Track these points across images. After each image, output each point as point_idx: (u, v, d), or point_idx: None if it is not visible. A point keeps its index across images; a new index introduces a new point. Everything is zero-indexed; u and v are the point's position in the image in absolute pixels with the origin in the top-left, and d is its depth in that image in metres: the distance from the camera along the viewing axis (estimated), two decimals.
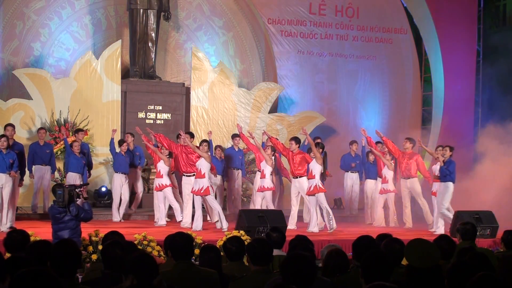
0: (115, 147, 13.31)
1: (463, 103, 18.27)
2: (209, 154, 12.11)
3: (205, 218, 12.33)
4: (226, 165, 13.95)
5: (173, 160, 12.86)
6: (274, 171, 13.27)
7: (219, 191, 13.60)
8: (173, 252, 5.11)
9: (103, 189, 15.09)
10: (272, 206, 12.59)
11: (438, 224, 12.23)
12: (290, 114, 17.16)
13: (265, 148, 12.97)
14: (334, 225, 11.80)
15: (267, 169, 12.61)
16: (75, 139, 13.33)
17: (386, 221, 13.54)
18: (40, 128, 13.86)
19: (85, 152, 13.37)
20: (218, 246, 7.92)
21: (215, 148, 13.79)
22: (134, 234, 9.29)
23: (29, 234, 7.39)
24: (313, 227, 11.85)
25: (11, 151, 11.27)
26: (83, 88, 15.52)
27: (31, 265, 4.12)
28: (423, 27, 18.34)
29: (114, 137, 13.42)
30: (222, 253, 5.66)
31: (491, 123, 14.79)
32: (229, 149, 14.56)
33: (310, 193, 11.91)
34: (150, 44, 16.15)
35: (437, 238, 5.70)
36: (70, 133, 14.88)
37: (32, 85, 15.20)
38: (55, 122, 15.17)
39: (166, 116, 16.24)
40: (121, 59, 15.76)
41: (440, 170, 12.10)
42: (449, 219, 11.96)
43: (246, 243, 5.55)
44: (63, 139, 13.72)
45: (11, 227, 10.63)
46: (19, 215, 12.59)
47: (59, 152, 14.72)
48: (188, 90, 16.51)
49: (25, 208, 13.41)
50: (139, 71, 16.20)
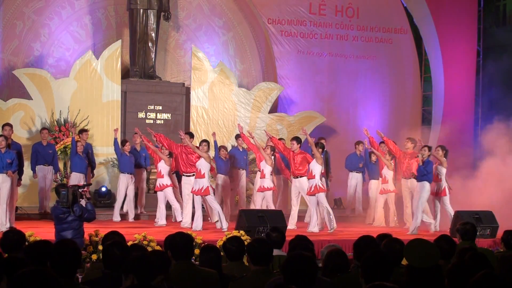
0: (118, 147, 13.29)
1: (463, 103, 18.26)
2: (208, 154, 12.11)
3: (205, 218, 12.33)
4: (231, 165, 13.92)
5: (173, 160, 12.86)
6: (274, 171, 13.27)
7: (225, 191, 13.55)
8: (173, 252, 5.11)
9: (103, 189, 15.11)
10: (273, 206, 12.58)
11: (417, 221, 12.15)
12: (290, 114, 17.15)
13: (265, 148, 12.97)
14: (335, 225, 11.81)
15: (267, 169, 12.61)
16: (79, 139, 13.34)
17: (386, 221, 13.55)
18: (43, 128, 13.89)
19: (88, 152, 13.38)
20: (218, 246, 7.92)
21: (219, 149, 13.73)
22: (134, 234, 9.29)
23: (26, 234, 7.43)
24: (313, 227, 11.86)
25: (10, 150, 11.26)
26: (83, 88, 15.51)
27: (27, 265, 4.12)
28: (423, 27, 18.34)
29: (117, 136, 13.40)
30: (222, 253, 5.66)
31: (491, 123, 14.78)
32: (234, 149, 14.53)
33: (310, 193, 11.94)
34: (150, 44, 16.14)
35: (437, 238, 5.71)
36: (70, 133, 14.87)
37: (32, 85, 15.20)
38: (55, 122, 15.17)
39: (166, 116, 16.24)
40: (121, 59, 15.75)
41: (418, 169, 12.12)
42: (426, 222, 12.07)
43: (246, 243, 5.55)
44: (71, 138, 13.67)
45: (10, 227, 10.62)
46: (19, 215, 12.60)
47: (59, 152, 14.73)
48: (188, 90, 16.51)
49: (25, 208, 13.41)
50: (139, 71, 16.20)
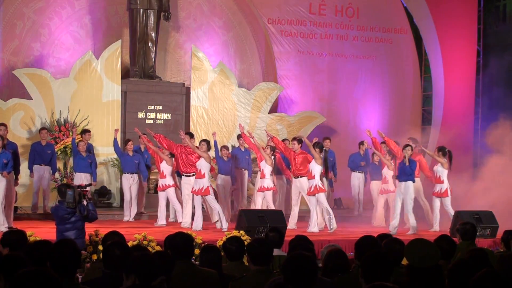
0: (119, 147, 13.28)
1: (463, 103, 18.25)
2: (208, 154, 12.10)
3: (205, 218, 12.31)
4: (233, 165, 13.91)
5: (174, 160, 12.86)
6: (274, 171, 13.26)
7: (227, 191, 13.52)
8: (173, 252, 5.11)
9: (103, 189, 15.10)
10: (273, 206, 12.57)
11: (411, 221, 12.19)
12: (290, 114, 17.15)
13: (265, 147, 12.97)
14: (335, 225, 11.82)
15: (267, 169, 12.61)
16: (82, 139, 13.34)
17: (386, 221, 13.53)
18: (42, 128, 13.87)
19: (92, 152, 13.39)
20: (218, 246, 7.91)
21: (220, 149, 13.71)
22: (134, 234, 9.28)
23: (28, 234, 7.42)
24: (313, 227, 11.86)
25: (6, 151, 11.15)
26: (83, 88, 15.51)
27: (26, 263, 4.11)
28: (423, 27, 18.34)
29: (117, 136, 13.39)
30: (222, 253, 5.65)
31: (491, 123, 14.78)
32: (236, 149, 14.53)
33: (310, 193, 11.96)
34: (150, 44, 16.14)
35: (437, 238, 5.70)
36: (70, 133, 14.88)
37: (32, 85, 15.19)
38: (55, 122, 15.16)
39: (166, 116, 16.23)
40: (121, 59, 15.75)
41: (404, 169, 12.00)
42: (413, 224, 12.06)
43: (246, 243, 5.55)
44: (71, 139, 13.67)
45: (9, 227, 10.60)
46: (19, 215, 12.60)
47: (59, 152, 14.73)
48: (188, 90, 16.50)
49: (25, 208, 13.41)
50: (139, 71, 16.19)
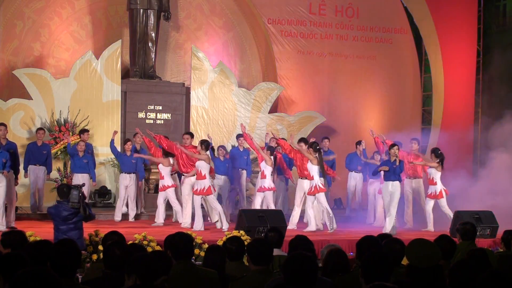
0: (116, 147, 13.29)
1: (463, 103, 18.26)
2: (207, 155, 12.10)
3: (205, 218, 12.32)
4: (231, 165, 13.91)
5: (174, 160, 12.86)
6: (276, 171, 13.26)
7: (224, 191, 13.53)
8: (173, 252, 5.11)
9: (103, 189, 15.10)
10: (273, 206, 12.58)
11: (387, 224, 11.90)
12: (290, 114, 17.15)
13: (264, 147, 12.98)
14: (335, 225, 11.83)
15: (267, 169, 12.60)
16: (81, 139, 13.35)
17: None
18: (39, 129, 13.86)
19: (90, 152, 13.39)
20: (223, 247, 7.90)
21: (217, 149, 13.76)
22: (134, 234, 9.28)
23: (28, 234, 7.43)
24: (311, 227, 11.90)
25: (4, 150, 11.23)
26: (83, 88, 15.51)
27: (25, 262, 4.11)
28: (423, 27, 18.34)
29: (114, 138, 13.40)
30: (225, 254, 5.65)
31: (491, 123, 14.79)
32: (234, 149, 14.53)
33: (310, 193, 12.00)
34: (150, 44, 16.14)
35: (437, 238, 5.70)
36: (71, 133, 14.89)
37: (32, 85, 15.19)
38: (55, 122, 15.16)
39: (166, 116, 16.23)
40: (121, 59, 15.75)
41: (395, 169, 11.82)
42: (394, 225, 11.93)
43: (246, 243, 5.55)
44: (66, 143, 13.68)
45: (11, 227, 10.63)
46: (19, 215, 12.59)
47: (59, 152, 14.73)
48: (188, 90, 16.50)
49: (25, 208, 13.41)
50: (139, 71, 16.19)
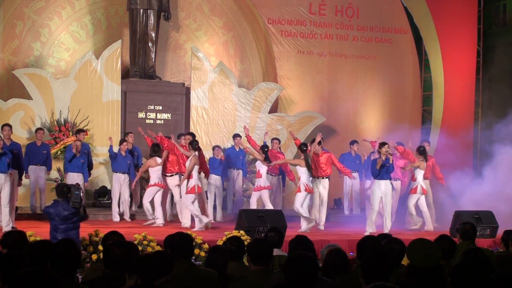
0: (114, 152, 13.33)
1: (463, 103, 18.25)
2: (196, 155, 12.01)
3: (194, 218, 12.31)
4: (226, 165, 13.93)
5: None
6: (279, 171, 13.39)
7: (218, 191, 13.57)
8: (173, 252, 5.11)
9: (103, 189, 15.10)
10: (270, 205, 12.61)
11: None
12: (290, 114, 17.15)
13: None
14: (305, 227, 11.82)
15: (263, 169, 12.74)
16: (77, 139, 13.35)
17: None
18: (38, 129, 13.85)
19: (85, 152, 13.39)
20: (225, 248, 7.91)
21: (213, 148, 13.85)
22: (134, 234, 9.29)
23: (28, 234, 7.43)
24: (304, 227, 11.93)
25: (7, 151, 11.20)
26: (83, 88, 15.50)
27: (25, 262, 4.11)
28: (423, 27, 18.33)
29: (112, 144, 13.43)
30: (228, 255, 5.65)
31: (491, 123, 14.78)
32: (230, 149, 14.55)
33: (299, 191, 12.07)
34: (150, 44, 16.13)
35: (437, 238, 5.70)
36: (70, 133, 14.90)
37: (32, 85, 15.19)
38: (55, 122, 15.16)
39: (166, 116, 16.23)
40: (121, 59, 15.74)
41: (388, 168, 11.80)
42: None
43: (246, 243, 5.55)
44: (71, 140, 13.72)
45: (12, 227, 10.65)
46: (19, 215, 12.60)
47: (59, 152, 14.73)
48: (188, 90, 16.49)
49: (25, 208, 13.42)
50: (139, 71, 16.18)
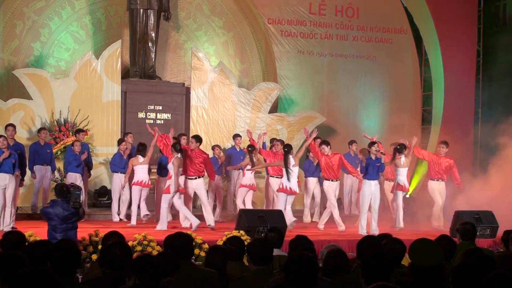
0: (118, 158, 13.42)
1: (463, 103, 18.25)
2: (178, 156, 11.89)
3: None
4: (226, 165, 13.93)
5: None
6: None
7: (218, 191, 13.58)
8: (173, 252, 5.11)
9: (103, 189, 15.10)
10: (249, 204, 12.79)
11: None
12: (290, 114, 17.15)
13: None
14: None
15: (246, 169, 12.94)
16: (76, 139, 13.35)
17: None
18: (41, 129, 13.84)
19: (85, 152, 13.39)
20: (225, 247, 7.91)
21: (212, 148, 13.91)
22: (134, 234, 9.28)
23: (26, 234, 7.43)
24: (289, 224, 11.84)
25: (12, 151, 11.23)
26: (83, 88, 15.50)
27: (24, 263, 4.11)
28: (423, 27, 18.33)
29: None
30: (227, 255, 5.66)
31: (491, 123, 14.78)
32: (230, 149, 14.55)
33: (279, 190, 11.98)
34: (150, 44, 16.13)
35: (437, 238, 5.70)
36: (70, 133, 14.90)
37: (32, 85, 15.19)
38: (55, 122, 15.16)
39: (166, 116, 16.23)
40: (121, 59, 15.74)
41: (381, 167, 11.73)
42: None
43: (246, 243, 5.55)
44: (72, 140, 13.72)
45: (12, 228, 10.65)
46: (19, 215, 12.60)
47: (59, 152, 14.73)
48: (188, 90, 16.49)
49: (25, 208, 13.42)
50: (139, 71, 16.19)
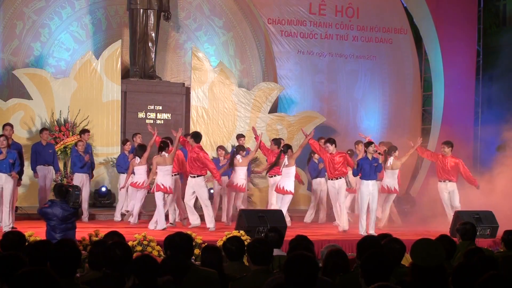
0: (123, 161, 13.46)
1: (463, 103, 18.24)
2: (162, 155, 11.96)
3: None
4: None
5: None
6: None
7: (224, 191, 13.53)
8: (173, 252, 5.11)
9: (103, 189, 15.11)
10: (239, 203, 12.81)
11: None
12: (290, 114, 17.15)
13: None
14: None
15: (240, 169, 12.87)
16: (81, 139, 13.36)
17: (390, 219, 13.54)
18: (43, 129, 13.80)
19: (89, 152, 13.42)
20: (218, 246, 7.92)
21: (217, 149, 13.90)
22: (134, 234, 9.29)
23: (26, 234, 7.44)
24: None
25: (12, 150, 11.25)
26: (83, 88, 15.51)
27: (24, 263, 4.11)
28: (423, 27, 18.33)
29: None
30: (222, 253, 5.66)
31: (491, 123, 14.79)
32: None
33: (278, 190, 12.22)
34: (150, 44, 16.13)
35: (437, 238, 5.70)
36: (70, 133, 14.89)
37: (32, 85, 15.20)
38: (55, 122, 15.16)
39: (166, 116, 16.24)
40: (121, 59, 15.75)
41: (375, 168, 11.73)
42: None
43: (246, 243, 5.55)
44: (73, 140, 13.75)
45: (12, 228, 10.65)
46: (19, 215, 12.59)
47: (59, 152, 14.73)
48: (188, 90, 16.50)
49: (25, 208, 13.41)
50: (139, 71, 16.19)
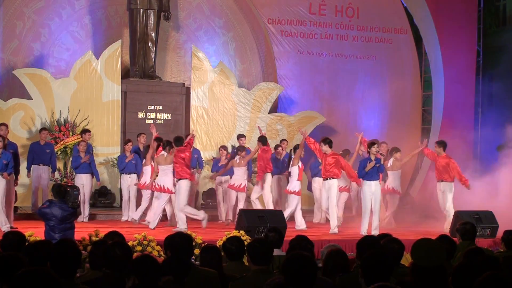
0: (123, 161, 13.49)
1: (463, 103, 18.24)
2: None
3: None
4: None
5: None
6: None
7: (226, 191, 13.54)
8: (173, 252, 5.11)
9: (103, 189, 15.10)
10: (241, 204, 12.83)
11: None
12: (290, 114, 17.15)
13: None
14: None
15: (239, 170, 12.95)
16: (82, 139, 13.36)
17: (389, 221, 13.54)
18: (42, 129, 13.81)
19: (90, 152, 13.43)
20: (218, 246, 7.93)
21: (219, 149, 13.98)
22: (134, 234, 9.29)
23: (26, 234, 7.44)
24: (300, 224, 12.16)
25: (6, 152, 11.07)
26: (83, 88, 15.51)
27: (24, 264, 4.11)
28: (423, 27, 18.33)
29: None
30: (222, 253, 5.66)
31: (491, 123, 14.79)
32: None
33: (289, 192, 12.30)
34: (150, 44, 16.14)
35: (437, 238, 5.70)
36: (71, 133, 14.89)
37: (32, 85, 15.20)
38: (55, 122, 15.16)
39: (166, 116, 16.24)
40: (121, 59, 15.75)
41: (377, 168, 11.75)
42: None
43: (246, 243, 5.55)
44: (74, 140, 13.76)
45: (10, 227, 10.61)
46: (19, 215, 12.59)
47: (59, 152, 14.73)
48: (188, 90, 16.51)
49: (25, 208, 13.41)
50: (139, 71, 16.20)
